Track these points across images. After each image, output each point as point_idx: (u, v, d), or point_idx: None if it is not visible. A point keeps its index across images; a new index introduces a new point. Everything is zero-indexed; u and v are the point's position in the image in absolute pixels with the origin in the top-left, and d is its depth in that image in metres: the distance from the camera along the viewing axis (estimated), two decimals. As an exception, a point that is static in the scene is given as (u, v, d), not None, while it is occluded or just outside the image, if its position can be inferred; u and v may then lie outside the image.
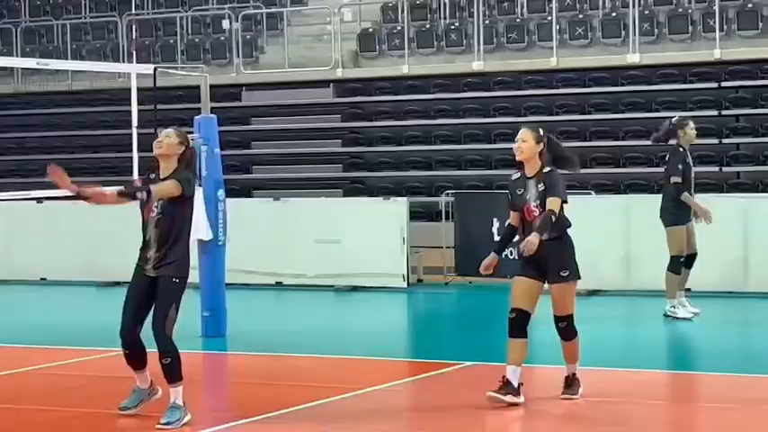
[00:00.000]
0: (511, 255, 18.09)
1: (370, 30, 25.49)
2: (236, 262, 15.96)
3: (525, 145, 10.14)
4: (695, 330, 14.29)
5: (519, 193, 10.00)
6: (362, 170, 24.06)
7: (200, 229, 13.81)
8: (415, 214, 20.45)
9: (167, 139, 9.67)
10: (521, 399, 9.73)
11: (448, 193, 20.24)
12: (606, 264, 17.25)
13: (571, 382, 10.01)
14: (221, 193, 14.09)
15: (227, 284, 14.32)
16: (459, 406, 10.02)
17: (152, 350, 9.63)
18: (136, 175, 14.14)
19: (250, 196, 22.83)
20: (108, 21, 28.40)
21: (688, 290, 14.93)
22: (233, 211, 14.49)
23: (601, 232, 17.16)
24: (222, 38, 26.67)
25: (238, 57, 25.87)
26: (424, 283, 19.12)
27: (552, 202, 9.79)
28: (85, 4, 29.60)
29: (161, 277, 9.72)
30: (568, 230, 9.99)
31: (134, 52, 21.12)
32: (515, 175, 10.19)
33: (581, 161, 22.92)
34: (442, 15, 25.28)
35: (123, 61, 25.53)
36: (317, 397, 10.29)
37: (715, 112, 21.95)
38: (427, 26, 24.97)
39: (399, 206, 18.78)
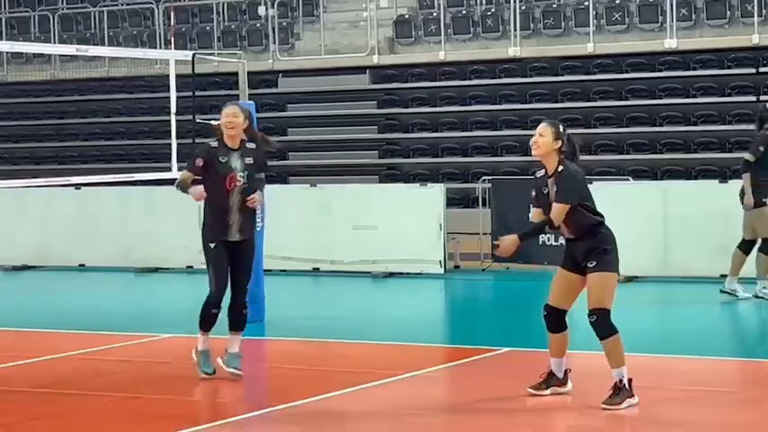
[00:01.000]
0: (548, 241, 18.21)
1: (407, 16, 25.50)
2: (273, 248, 16.02)
3: (542, 140, 9.41)
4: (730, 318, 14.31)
5: (545, 192, 9.50)
6: (398, 156, 24.10)
7: (238, 215, 13.88)
8: (452, 200, 20.48)
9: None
10: (566, 388, 9.63)
11: (484, 180, 20.25)
12: (643, 249, 17.22)
13: (618, 391, 9.24)
14: (259, 179, 14.15)
15: (264, 270, 14.40)
16: (496, 392, 10.05)
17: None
18: (174, 162, 14.23)
19: (286, 182, 22.92)
20: (144, 7, 28.52)
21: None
22: (270, 198, 14.54)
23: (638, 218, 17.15)
24: (258, 24, 26.73)
25: (274, 43, 25.93)
26: (461, 269, 19.14)
27: (556, 209, 9.30)
28: (122, -9, 29.74)
29: (247, 240, 10.55)
30: (602, 224, 9.46)
31: (171, 39, 21.18)
32: (540, 172, 9.58)
33: (618, 147, 23.08)
34: (478, 1, 25.28)
35: (159, 48, 25.63)
36: (356, 382, 10.35)
37: (753, 98, 21.86)
38: (463, 12, 24.96)
39: (436, 192, 18.79)
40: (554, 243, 18.23)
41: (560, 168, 9.40)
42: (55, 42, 26.98)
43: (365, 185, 21.09)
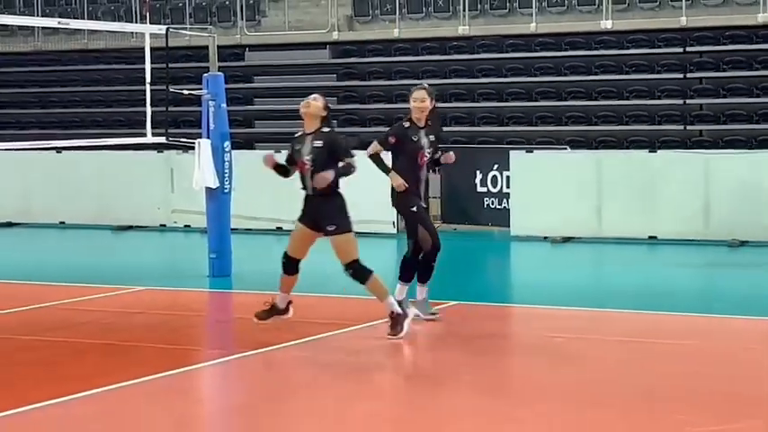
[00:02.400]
0: (492, 204, 18.26)
1: (364, -4, 25.38)
2: (240, 208, 15.95)
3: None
4: (660, 273, 14.39)
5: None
6: (356, 126, 24.02)
7: (207, 177, 13.83)
8: (404, 166, 20.41)
9: (423, 103, 10.75)
10: (288, 315, 10.56)
11: (434, 148, 20.20)
12: (578, 213, 17.28)
13: (395, 320, 10.05)
14: (227, 144, 14.09)
15: (231, 229, 14.35)
16: (443, 340, 10.08)
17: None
18: (149, 128, 14.11)
19: (253, 149, 22.80)
20: (122, -15, 28.22)
21: None
22: (237, 163, 14.49)
23: (574, 184, 17.22)
24: (227, 1, 26.54)
25: (242, 19, 25.77)
26: (412, 229, 19.10)
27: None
28: (101, -31, 29.42)
29: (427, 207, 11.06)
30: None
31: (146, 14, 20.98)
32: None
33: (556, 119, 23.15)
34: (430, -17, 25.17)
35: (135, 22, 25.40)
36: (316, 332, 10.35)
37: (680, 75, 21.96)
38: (417, -7, 24.87)
39: (390, 158, 18.69)
40: (497, 206, 18.29)
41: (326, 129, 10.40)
42: (38, 16, 26.67)
43: (325, 152, 20.97)
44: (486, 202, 18.42)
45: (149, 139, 14.24)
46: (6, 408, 7.75)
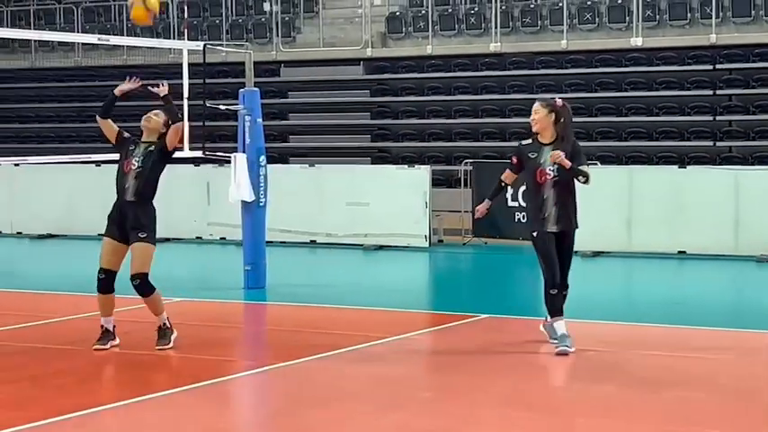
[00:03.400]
0: (522, 219, 18.20)
1: (398, 13, 25.41)
2: (274, 221, 16.00)
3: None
4: (690, 289, 14.30)
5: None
6: (388, 140, 24.05)
7: (243, 191, 13.85)
8: (437, 181, 20.44)
9: (537, 115, 9.89)
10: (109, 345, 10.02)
11: (466, 163, 20.21)
12: (608, 227, 17.21)
13: (164, 332, 10.24)
14: (263, 159, 14.11)
15: (266, 242, 14.37)
16: (474, 353, 10.04)
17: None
18: (186, 143, 14.15)
19: (287, 163, 22.85)
20: (160, 1, 28.33)
21: None
22: (272, 176, 14.51)
23: (605, 199, 17.14)
24: (263, 18, 26.63)
25: (277, 36, 25.84)
26: (444, 243, 19.13)
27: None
28: (140, -13, 29.56)
29: (565, 232, 9.77)
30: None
31: (184, 30, 21.07)
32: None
33: (587, 135, 23.06)
34: (462, 1, 25.19)
35: (173, 39, 25.52)
36: (348, 343, 10.32)
37: (710, 92, 21.86)
38: (449, 10, 24.88)
39: (422, 173, 18.75)
40: (524, 221, 18.23)
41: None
42: (78, 32, 26.85)
43: (358, 166, 21.04)
44: (516, 217, 18.36)
45: (186, 153, 14.27)
46: (39, 418, 7.74)
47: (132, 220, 10.46)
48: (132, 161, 10.35)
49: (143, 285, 10.28)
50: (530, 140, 9.94)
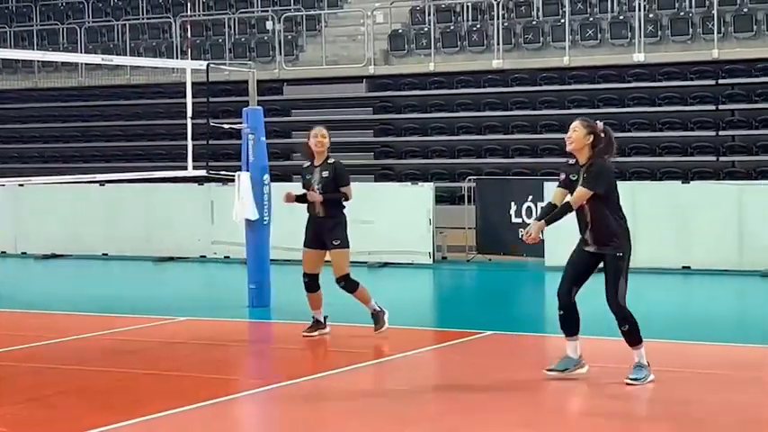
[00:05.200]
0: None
1: (400, 30, 25.48)
2: (278, 239, 15.99)
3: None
4: (691, 304, 14.31)
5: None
6: (392, 158, 24.09)
7: (247, 209, 13.88)
8: (440, 198, 20.43)
9: (575, 133, 9.42)
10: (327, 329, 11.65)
11: (470, 179, 20.23)
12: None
13: (377, 318, 11.59)
14: (266, 177, 14.14)
15: (271, 260, 14.38)
16: (479, 370, 10.05)
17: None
18: (190, 161, 14.20)
19: (291, 181, 22.85)
20: (163, 21, 28.48)
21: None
22: (276, 194, 14.53)
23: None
24: (266, 37, 26.71)
25: (280, 54, 25.92)
26: (448, 260, 19.13)
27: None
28: (143, 6, 29.72)
29: (604, 254, 9.56)
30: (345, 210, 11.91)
31: (187, 50, 21.13)
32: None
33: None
34: (465, 18, 25.26)
35: (176, 58, 25.60)
36: (353, 362, 10.34)
37: (713, 107, 21.90)
38: (451, 27, 24.95)
39: (426, 190, 18.77)
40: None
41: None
42: (81, 52, 26.93)
43: (362, 184, 20.98)
44: (520, 233, 18.35)
45: (190, 172, 14.33)
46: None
47: (327, 231, 11.78)
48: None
49: (347, 284, 11.68)
50: (574, 160, 9.53)
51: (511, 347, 11.24)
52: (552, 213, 9.42)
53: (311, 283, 11.80)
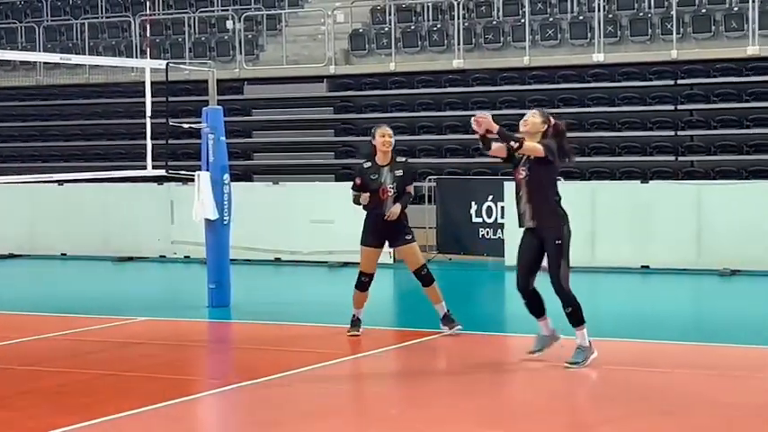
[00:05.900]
0: (486, 235, 18.29)
1: (361, 30, 25.51)
2: (238, 239, 15.98)
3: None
4: (651, 303, 14.41)
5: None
6: (353, 157, 24.08)
7: (207, 209, 13.86)
8: (401, 197, 20.45)
9: (532, 118, 10.15)
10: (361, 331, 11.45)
11: (430, 179, 20.29)
12: (572, 242, 17.26)
13: (449, 321, 11.56)
14: (226, 177, 14.12)
15: (231, 260, 14.37)
16: (439, 368, 10.09)
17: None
18: (149, 161, 14.17)
19: (251, 180, 22.86)
20: (122, 20, 28.38)
21: None
22: (236, 194, 14.53)
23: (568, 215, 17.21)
24: (226, 36, 26.66)
25: (241, 54, 25.89)
26: (409, 259, 19.11)
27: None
28: (102, 5, 29.59)
29: (546, 240, 9.94)
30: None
31: (147, 49, 21.06)
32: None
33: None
34: (425, 18, 25.32)
35: (136, 57, 25.51)
36: (314, 361, 10.34)
37: (671, 107, 22.06)
38: (412, 27, 25.00)
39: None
40: (492, 237, 18.34)
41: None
42: (40, 51, 26.79)
43: (322, 183, 21.09)
44: (481, 233, 18.47)
45: (150, 171, 14.28)
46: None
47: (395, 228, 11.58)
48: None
49: (428, 274, 11.73)
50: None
51: (470, 346, 11.27)
52: (507, 132, 9.95)
53: (368, 283, 11.82)
